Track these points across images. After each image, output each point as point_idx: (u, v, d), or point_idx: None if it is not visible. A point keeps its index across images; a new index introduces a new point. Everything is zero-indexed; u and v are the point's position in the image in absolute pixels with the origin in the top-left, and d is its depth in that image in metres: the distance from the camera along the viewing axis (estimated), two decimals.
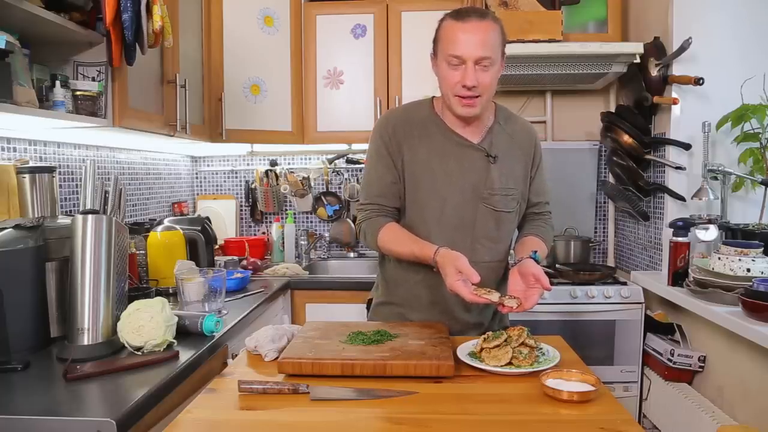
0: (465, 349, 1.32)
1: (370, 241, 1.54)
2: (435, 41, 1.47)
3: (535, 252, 1.46)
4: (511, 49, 2.30)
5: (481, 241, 1.52)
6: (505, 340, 1.25)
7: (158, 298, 1.47)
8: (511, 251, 1.64)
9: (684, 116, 2.25)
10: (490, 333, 1.29)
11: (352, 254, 3.13)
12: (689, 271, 2.00)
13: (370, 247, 1.56)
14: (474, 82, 1.39)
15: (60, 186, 2.01)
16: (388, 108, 2.77)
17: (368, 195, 1.55)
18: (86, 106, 1.72)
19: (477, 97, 1.42)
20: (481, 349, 1.27)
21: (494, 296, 1.30)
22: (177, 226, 2.11)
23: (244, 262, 2.61)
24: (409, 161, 1.50)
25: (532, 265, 1.39)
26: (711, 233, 2.05)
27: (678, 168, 2.25)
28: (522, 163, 1.57)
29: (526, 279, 1.38)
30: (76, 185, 2.12)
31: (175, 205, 2.97)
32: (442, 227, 1.50)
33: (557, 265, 2.57)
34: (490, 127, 1.54)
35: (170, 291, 1.94)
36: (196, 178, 3.24)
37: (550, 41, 2.36)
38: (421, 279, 1.54)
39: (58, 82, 1.65)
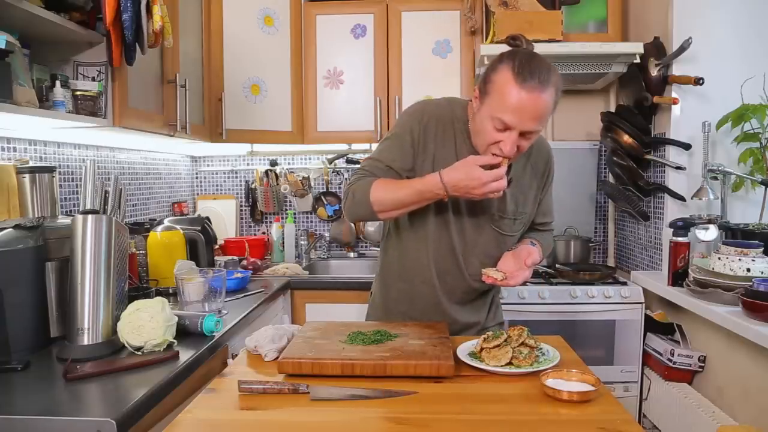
0: (465, 349, 1.31)
1: (360, 199, 1.38)
2: (486, 83, 1.32)
3: (534, 243, 1.48)
4: None
5: (480, 257, 1.49)
6: (505, 340, 1.26)
7: (158, 298, 1.47)
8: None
9: (684, 116, 2.25)
10: (490, 333, 1.29)
11: (352, 254, 3.13)
12: (689, 271, 2.00)
13: (358, 207, 1.40)
14: (512, 152, 1.30)
15: (60, 186, 2.01)
16: (388, 108, 2.77)
17: (370, 165, 1.45)
18: (86, 106, 1.72)
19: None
20: (481, 349, 1.27)
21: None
22: (177, 226, 2.11)
23: (244, 262, 2.61)
24: (431, 164, 1.43)
25: (527, 246, 1.41)
26: (711, 233, 2.05)
27: (678, 168, 2.25)
28: (534, 185, 1.53)
29: (517, 259, 1.39)
30: (76, 185, 2.12)
31: (175, 205, 2.97)
32: (441, 235, 1.47)
33: (557, 265, 2.57)
34: None
35: (170, 291, 1.94)
36: (196, 178, 3.24)
37: (550, 41, 2.36)
38: (419, 278, 1.54)
39: (58, 82, 1.65)
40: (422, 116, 1.45)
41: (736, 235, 1.97)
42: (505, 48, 1.37)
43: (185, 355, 1.38)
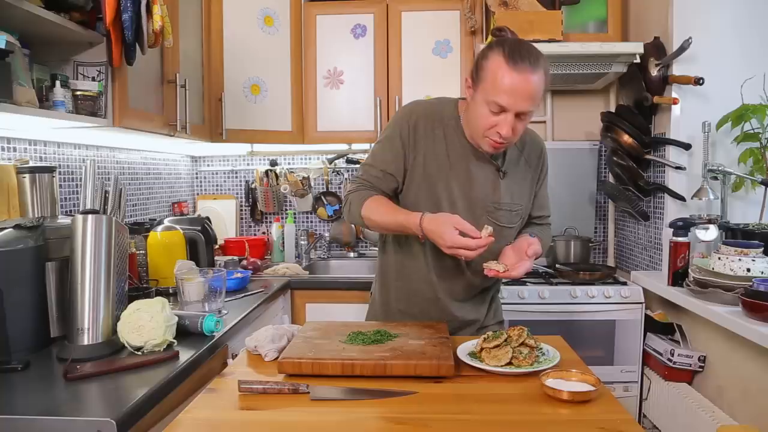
0: (465, 349, 1.32)
1: (354, 211, 1.49)
2: (478, 70, 1.38)
3: (533, 235, 1.49)
4: None
5: None
6: (505, 340, 1.26)
7: (158, 298, 1.47)
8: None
9: (684, 116, 2.25)
10: (490, 333, 1.29)
11: (352, 254, 3.13)
12: (689, 271, 2.00)
13: (352, 218, 1.51)
14: (510, 134, 1.35)
15: (60, 186, 2.01)
16: (388, 108, 2.77)
17: (366, 172, 1.52)
18: (86, 106, 1.72)
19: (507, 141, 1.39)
20: (481, 349, 1.27)
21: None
22: (177, 226, 2.11)
23: (244, 262, 2.61)
24: (422, 161, 1.48)
25: (527, 238, 1.43)
26: (711, 233, 2.05)
27: (678, 168, 2.25)
28: (529, 179, 1.56)
29: (518, 250, 1.41)
30: (76, 185, 2.12)
31: (175, 205, 2.97)
32: None
33: (557, 265, 2.57)
34: None
35: (170, 291, 1.94)
36: (196, 178, 3.24)
37: (550, 41, 2.36)
38: (417, 276, 1.54)
39: (58, 82, 1.65)
40: (411, 116, 1.50)
41: (736, 235, 1.97)
42: None
43: (185, 355, 1.38)
